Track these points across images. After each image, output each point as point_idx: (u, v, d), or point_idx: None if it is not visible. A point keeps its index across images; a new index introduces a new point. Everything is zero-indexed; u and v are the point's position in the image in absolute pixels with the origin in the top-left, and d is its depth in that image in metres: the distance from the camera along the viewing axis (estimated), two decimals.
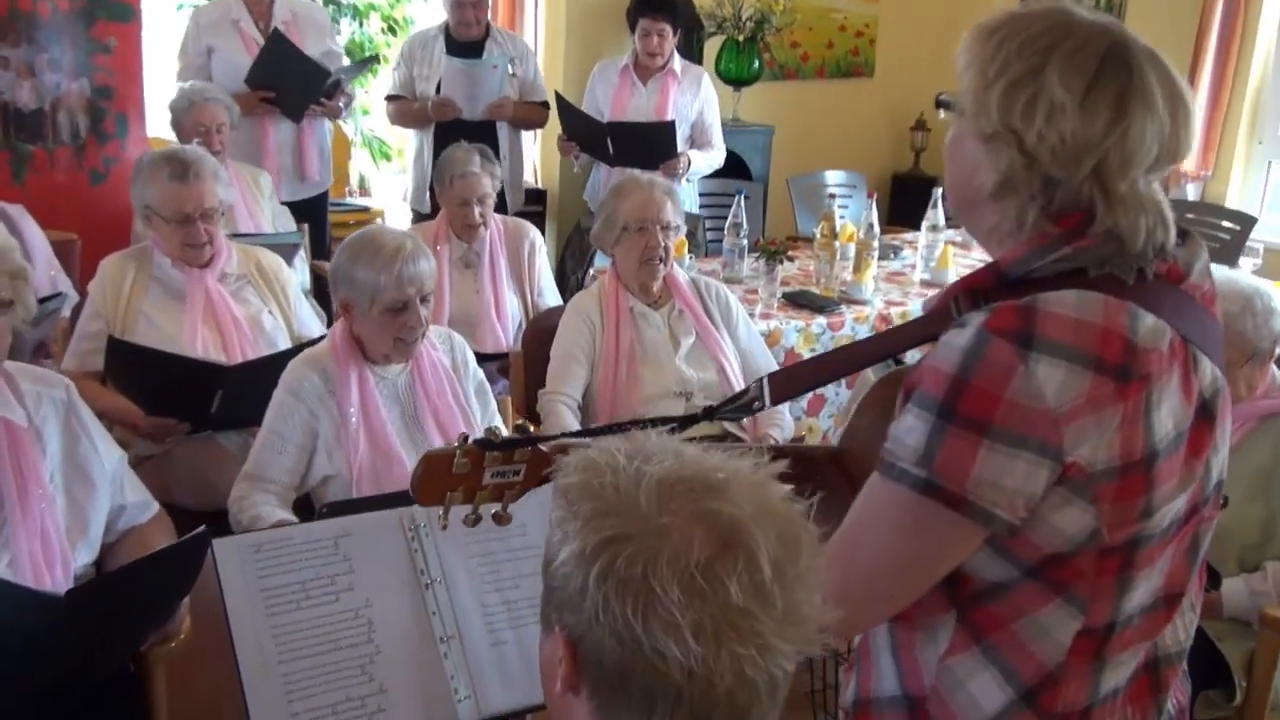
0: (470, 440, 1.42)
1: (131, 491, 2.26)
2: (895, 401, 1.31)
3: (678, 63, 4.80)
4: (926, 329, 1.34)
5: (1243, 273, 2.76)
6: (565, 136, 4.77)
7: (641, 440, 1.03)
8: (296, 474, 2.44)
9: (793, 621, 0.98)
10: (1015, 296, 1.21)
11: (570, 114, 4.73)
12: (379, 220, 5.85)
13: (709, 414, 1.53)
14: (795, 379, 1.52)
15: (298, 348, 2.88)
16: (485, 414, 2.64)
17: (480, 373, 2.68)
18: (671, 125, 4.58)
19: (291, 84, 4.40)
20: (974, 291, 1.28)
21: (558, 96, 4.77)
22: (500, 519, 1.47)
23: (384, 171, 6.52)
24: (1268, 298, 2.53)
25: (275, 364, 2.75)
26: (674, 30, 4.73)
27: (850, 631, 1.36)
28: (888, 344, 1.49)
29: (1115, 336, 1.19)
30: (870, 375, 3.57)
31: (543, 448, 1.46)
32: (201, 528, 1.93)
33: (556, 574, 1.00)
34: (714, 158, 4.90)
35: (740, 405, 1.50)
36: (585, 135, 4.71)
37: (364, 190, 6.82)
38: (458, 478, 1.43)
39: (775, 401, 1.47)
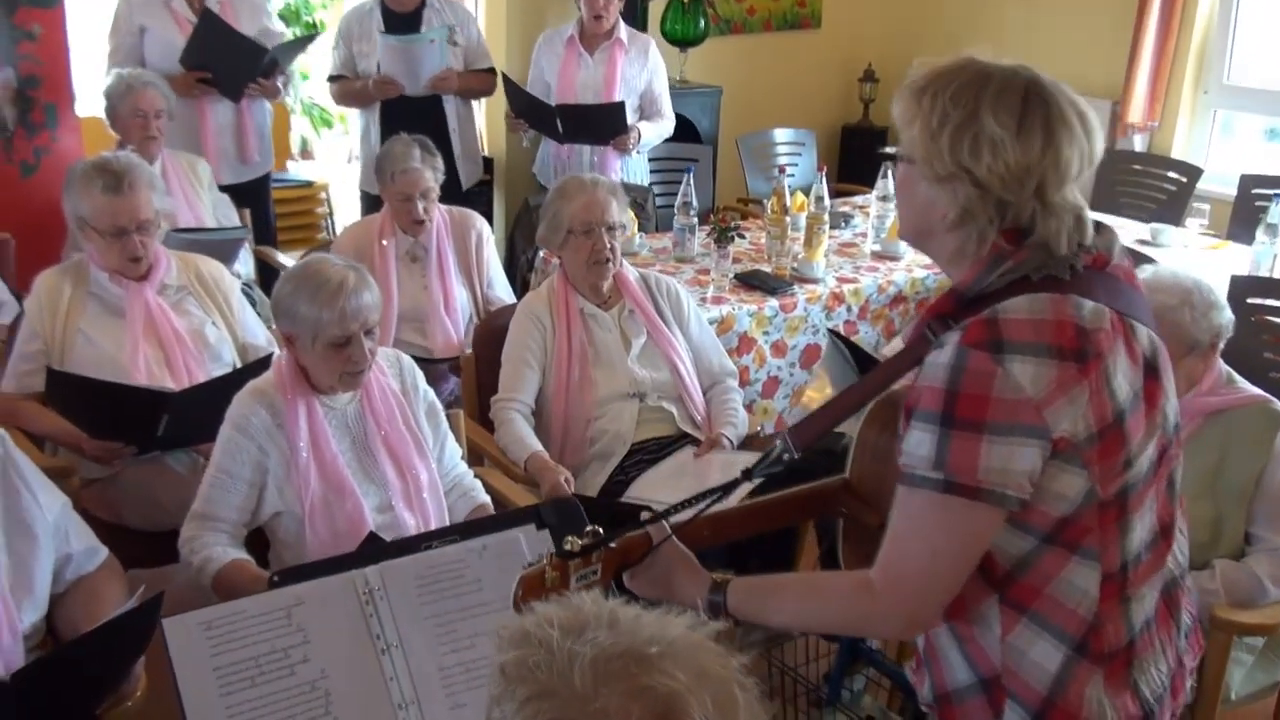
0: (554, 555, 1.55)
1: (77, 539, 2.21)
2: (893, 420, 1.54)
3: (624, 31, 4.69)
4: (911, 356, 1.55)
5: (1185, 269, 2.77)
6: (513, 114, 4.67)
7: (575, 608, 1.02)
8: (246, 511, 2.40)
9: None
10: (976, 312, 1.45)
11: (518, 95, 4.63)
12: (322, 194, 5.74)
13: (747, 475, 1.68)
14: (811, 426, 1.66)
15: (244, 369, 2.84)
16: (436, 436, 2.60)
17: (430, 393, 2.63)
18: (621, 106, 4.49)
19: (228, 64, 4.29)
20: (941, 316, 1.50)
21: (504, 77, 4.67)
22: None
23: (325, 138, 6.38)
24: (1208, 292, 2.56)
25: (221, 384, 2.72)
26: None
27: (917, 625, 1.55)
28: (884, 377, 1.65)
29: (1067, 325, 1.42)
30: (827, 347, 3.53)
31: (612, 545, 1.59)
32: (141, 589, 1.91)
33: None
34: (663, 128, 4.82)
35: (772, 461, 1.66)
36: (533, 114, 4.63)
37: (306, 153, 6.68)
38: (550, 589, 1.53)
39: (801, 450, 1.64)
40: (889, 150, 1.57)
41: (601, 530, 1.59)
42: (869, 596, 1.49)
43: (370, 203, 4.73)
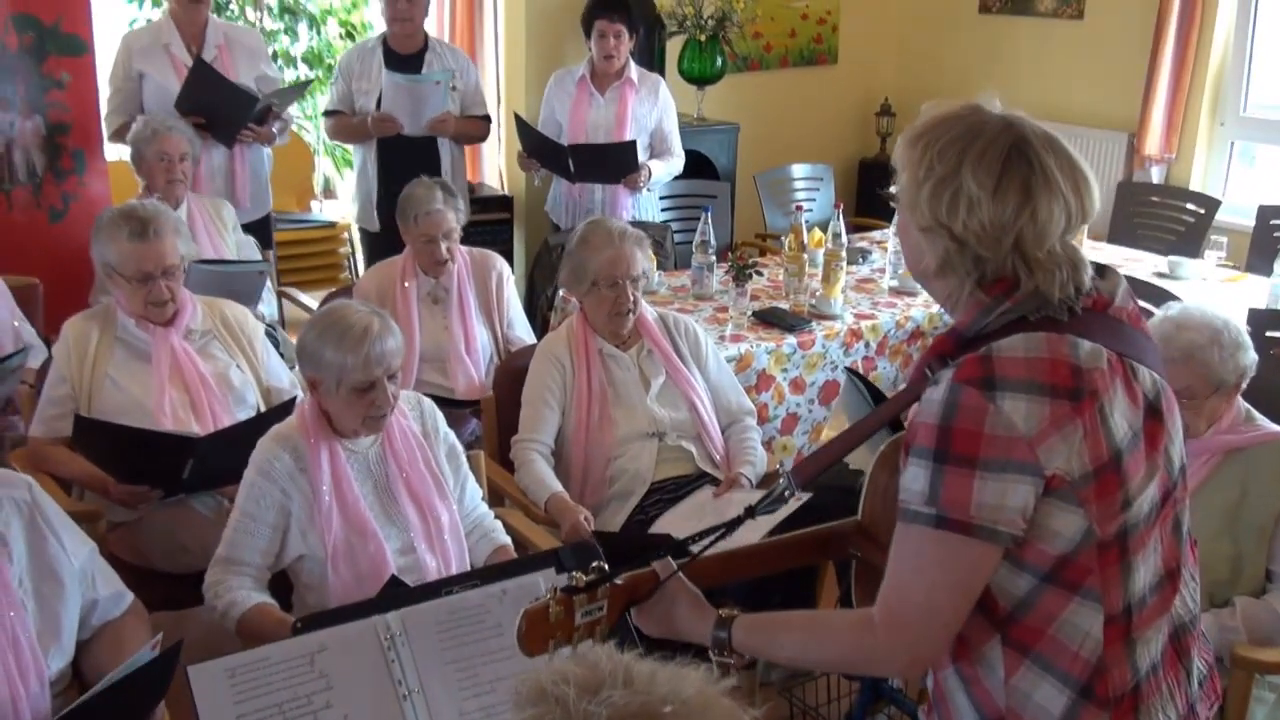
0: (559, 590, 1.55)
1: (104, 585, 2.23)
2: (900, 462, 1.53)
3: (634, 71, 4.75)
4: (911, 394, 1.57)
5: (1206, 303, 2.77)
6: (525, 154, 4.73)
7: (591, 664, 1.04)
8: (270, 554, 2.43)
9: None
10: (974, 351, 1.46)
11: (529, 135, 4.70)
12: (345, 234, 5.80)
13: (750, 513, 1.69)
14: (812, 463, 1.71)
15: (268, 413, 2.88)
16: (457, 478, 2.63)
17: (451, 435, 2.66)
18: (633, 145, 4.55)
19: (219, 110, 4.34)
20: (941, 355, 1.53)
21: (517, 118, 4.72)
22: None
23: (348, 179, 6.45)
24: (1236, 332, 2.56)
25: (245, 428, 2.76)
26: (630, 33, 4.68)
27: (918, 662, 1.54)
28: (884, 414, 1.70)
29: (1062, 364, 1.44)
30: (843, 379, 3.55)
31: (618, 581, 1.60)
32: (159, 636, 1.93)
33: None
34: (674, 165, 4.87)
35: (774, 498, 1.71)
36: (545, 154, 4.68)
37: (329, 193, 6.76)
38: (555, 625, 1.54)
39: (802, 486, 1.69)
40: (891, 190, 1.60)
41: (607, 566, 1.59)
42: (870, 633, 1.50)
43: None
